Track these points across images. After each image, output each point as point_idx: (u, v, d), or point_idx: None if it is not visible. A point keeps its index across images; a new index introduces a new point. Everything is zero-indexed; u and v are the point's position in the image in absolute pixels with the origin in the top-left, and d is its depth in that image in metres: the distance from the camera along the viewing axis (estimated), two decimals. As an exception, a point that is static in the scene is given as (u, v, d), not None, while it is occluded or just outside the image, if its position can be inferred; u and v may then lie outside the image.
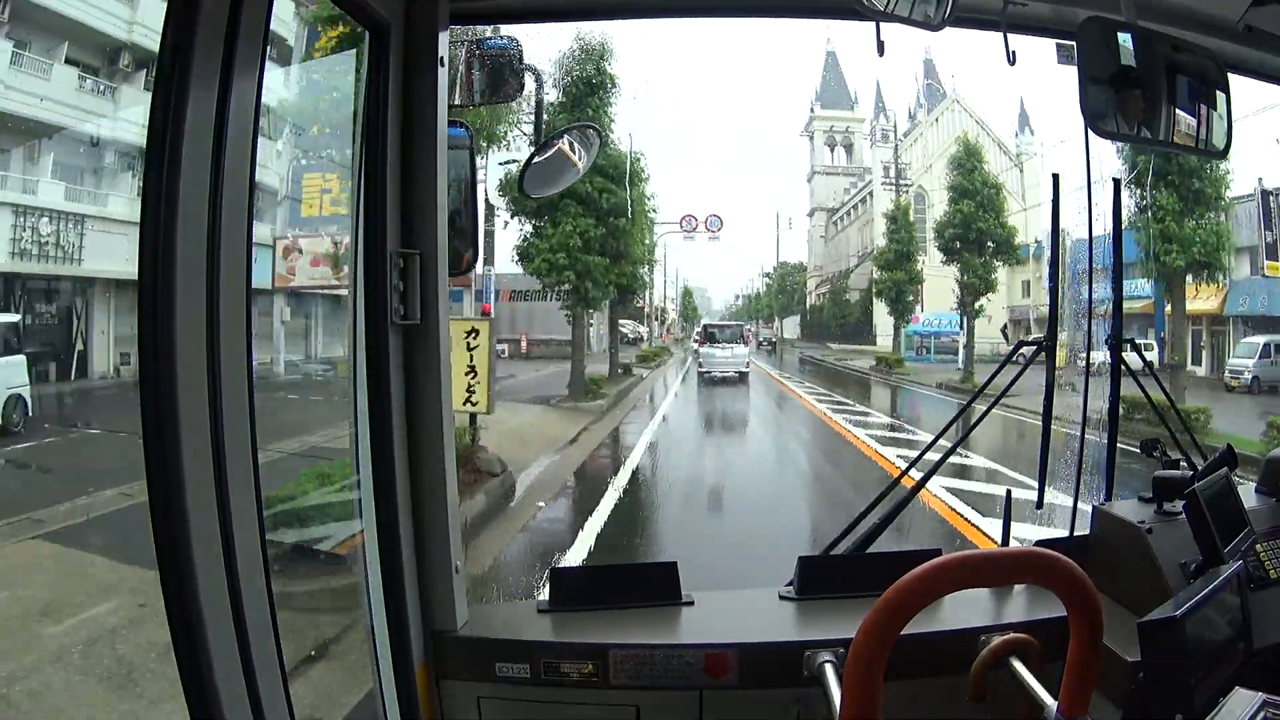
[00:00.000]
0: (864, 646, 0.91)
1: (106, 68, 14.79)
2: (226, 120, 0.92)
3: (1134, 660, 1.24)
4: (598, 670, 1.38)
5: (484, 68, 1.56)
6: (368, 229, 1.34)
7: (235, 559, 0.95)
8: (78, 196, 13.88)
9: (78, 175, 14.09)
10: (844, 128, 59.44)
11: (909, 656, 1.07)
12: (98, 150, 14.49)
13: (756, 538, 6.71)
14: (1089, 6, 1.48)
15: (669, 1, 1.78)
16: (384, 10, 1.29)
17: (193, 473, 0.91)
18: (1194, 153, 1.49)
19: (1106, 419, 1.91)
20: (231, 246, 0.95)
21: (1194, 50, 1.48)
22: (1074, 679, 0.99)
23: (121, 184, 14.13)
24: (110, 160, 14.49)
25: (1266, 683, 1.13)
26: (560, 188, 1.83)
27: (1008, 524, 1.80)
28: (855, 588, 1.47)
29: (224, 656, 0.94)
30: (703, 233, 32.05)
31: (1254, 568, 1.49)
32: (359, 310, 1.36)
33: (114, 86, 14.72)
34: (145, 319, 0.89)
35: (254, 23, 0.95)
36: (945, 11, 1.22)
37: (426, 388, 1.39)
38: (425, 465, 1.40)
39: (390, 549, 1.36)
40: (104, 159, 14.49)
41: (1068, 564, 0.96)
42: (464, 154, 1.49)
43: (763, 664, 1.38)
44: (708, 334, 24.38)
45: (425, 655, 1.41)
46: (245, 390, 0.98)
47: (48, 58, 13.69)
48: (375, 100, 1.33)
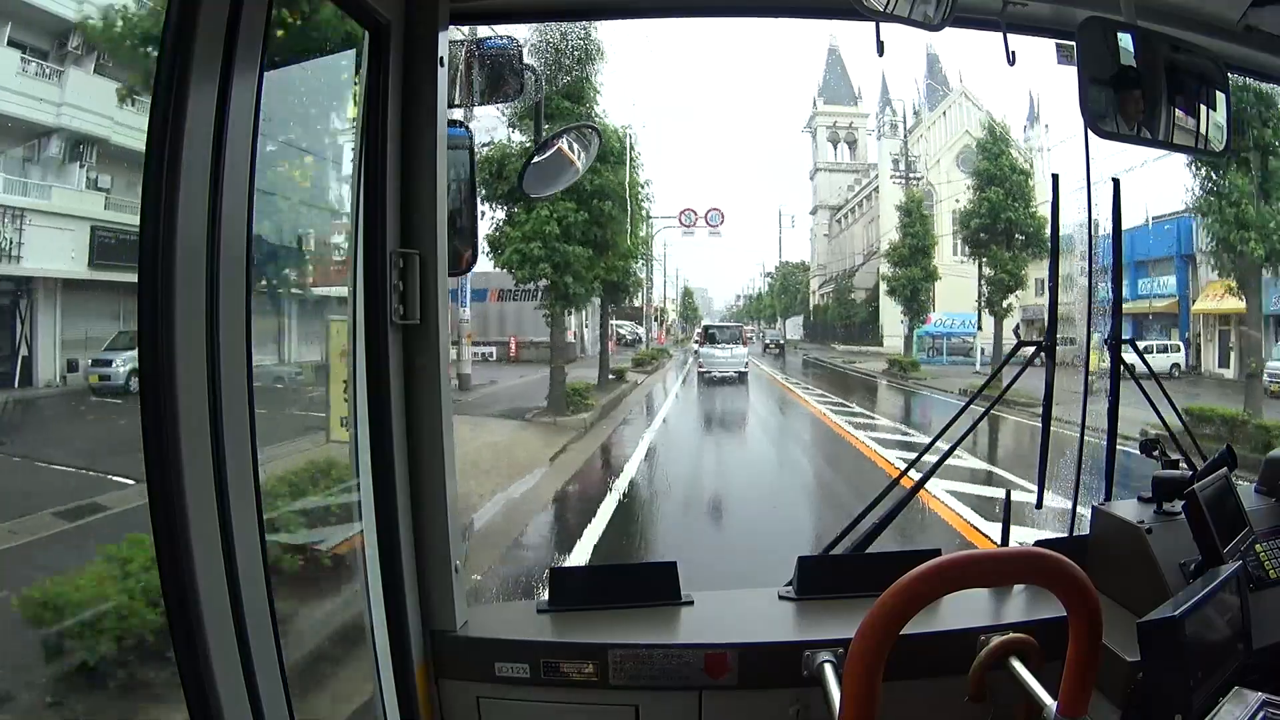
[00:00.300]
0: (864, 646, 0.91)
1: (55, 51, 13.40)
2: (226, 120, 0.92)
3: (1134, 660, 1.23)
4: (597, 670, 1.38)
5: (484, 68, 1.56)
6: (367, 229, 1.34)
7: (235, 559, 0.95)
8: (18, 189, 12.68)
9: (18, 167, 12.88)
10: (847, 123, 57.49)
11: (909, 656, 1.07)
12: (42, 139, 13.17)
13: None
14: (1089, 6, 1.48)
15: (669, 2, 1.78)
16: (384, 10, 1.29)
17: (193, 473, 0.91)
18: (1193, 153, 1.49)
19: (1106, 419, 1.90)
20: (231, 246, 0.95)
21: (1194, 50, 1.48)
22: (1073, 679, 0.99)
23: (68, 175, 13.12)
24: (55, 150, 13.22)
25: (1266, 683, 1.13)
26: (560, 188, 1.84)
27: (1007, 524, 1.80)
28: (855, 588, 1.47)
29: (224, 656, 0.94)
30: (703, 227, 30.48)
31: (1254, 568, 1.49)
32: (359, 310, 1.36)
33: (61, 70, 13.32)
34: (145, 319, 0.89)
35: (254, 23, 0.95)
36: (945, 12, 1.22)
37: (426, 387, 1.39)
38: (425, 465, 1.40)
39: (390, 549, 1.36)
40: (49, 149, 13.22)
41: (1067, 564, 0.95)
42: (463, 154, 1.49)
43: (762, 664, 1.38)
44: (708, 335, 24.50)
45: (425, 655, 1.41)
46: (245, 390, 0.98)
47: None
48: (375, 100, 1.33)
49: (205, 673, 0.93)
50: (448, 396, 1.41)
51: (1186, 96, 1.46)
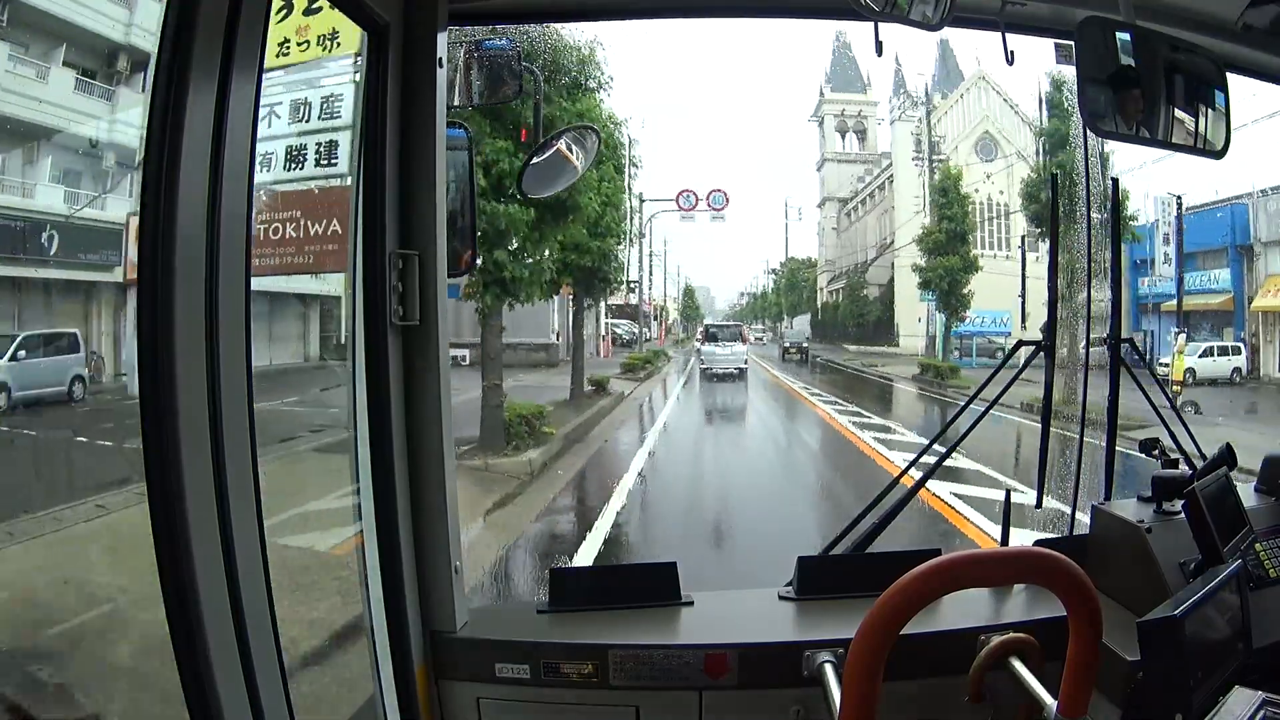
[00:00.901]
0: (864, 646, 0.91)
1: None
2: (226, 120, 0.93)
3: (1134, 660, 1.23)
4: (598, 671, 1.38)
5: (483, 68, 1.57)
6: (367, 229, 1.34)
7: (235, 559, 0.96)
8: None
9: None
10: (856, 111, 55.01)
11: (909, 656, 1.07)
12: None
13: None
14: (1087, 6, 1.48)
15: (669, 2, 1.78)
16: (383, 10, 1.29)
17: (193, 473, 0.91)
18: (1193, 153, 1.49)
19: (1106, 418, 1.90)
20: (231, 246, 0.95)
21: (1192, 50, 1.48)
22: (1073, 679, 0.99)
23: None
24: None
25: (1266, 682, 1.13)
26: (559, 188, 1.84)
27: (1007, 524, 1.80)
28: (855, 588, 1.47)
29: (224, 657, 0.94)
30: (705, 211, 27.05)
31: (1253, 567, 1.49)
32: (358, 311, 1.36)
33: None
34: (145, 319, 0.89)
35: (254, 23, 0.95)
36: (944, 11, 1.22)
37: (426, 389, 1.39)
38: (424, 466, 1.40)
39: (390, 550, 1.36)
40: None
41: (1067, 564, 0.95)
42: (463, 154, 1.49)
43: (762, 664, 1.38)
44: (709, 334, 25.16)
45: (425, 656, 1.41)
46: (245, 390, 0.98)
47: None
48: (374, 100, 1.33)
49: (205, 673, 0.93)
50: (448, 397, 1.41)
51: (1185, 96, 1.46)
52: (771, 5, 1.87)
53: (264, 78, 0.99)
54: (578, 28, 12.19)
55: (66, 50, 13.16)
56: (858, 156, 55.14)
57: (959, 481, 7.90)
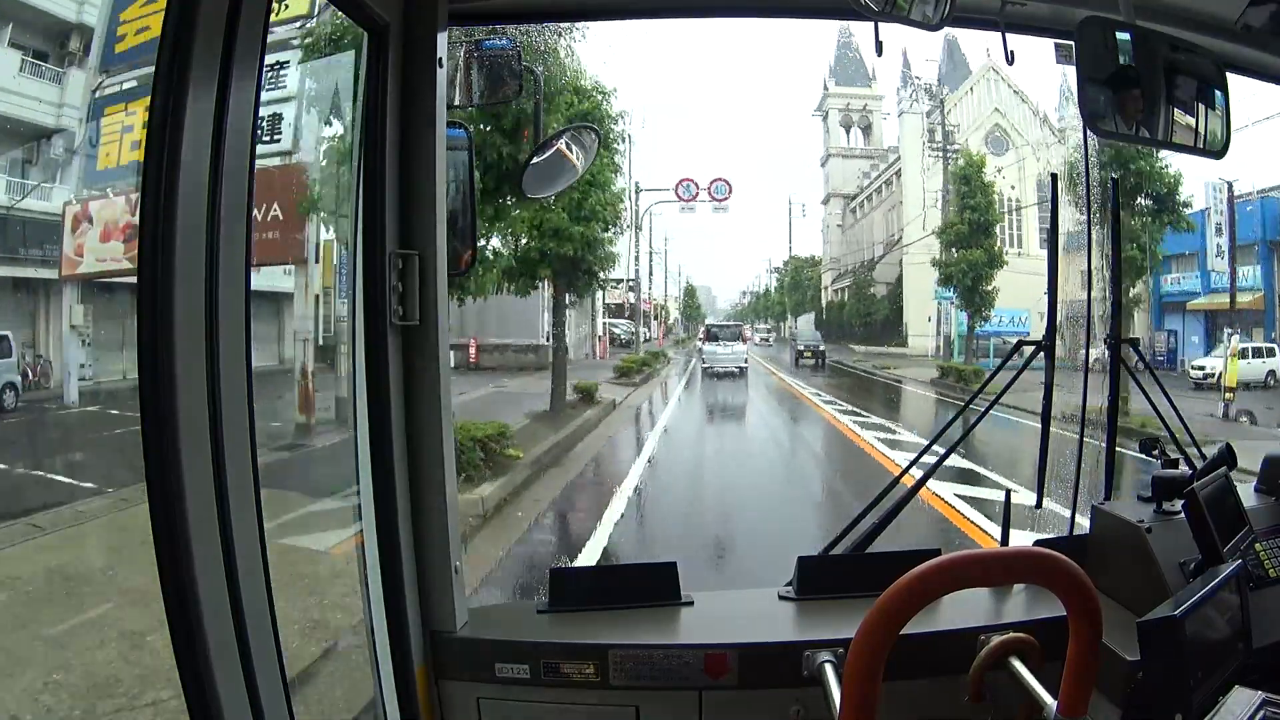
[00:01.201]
0: (864, 646, 0.91)
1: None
2: (226, 120, 0.93)
3: (1134, 660, 1.23)
4: (598, 670, 1.38)
5: (483, 68, 1.57)
6: (366, 229, 1.35)
7: (235, 560, 0.95)
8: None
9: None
10: (861, 105, 52.74)
11: (909, 656, 1.07)
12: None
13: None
14: (1087, 6, 1.48)
15: (669, 2, 1.78)
16: (383, 10, 1.29)
17: (192, 473, 0.91)
18: (1192, 153, 1.49)
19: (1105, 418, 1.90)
20: (231, 246, 0.95)
21: (1192, 50, 1.48)
22: (1073, 679, 0.99)
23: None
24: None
25: (1266, 682, 1.13)
26: (559, 188, 1.84)
27: (1007, 524, 1.80)
28: (855, 588, 1.46)
29: (224, 657, 0.94)
30: (706, 201, 25.57)
31: (1253, 567, 1.49)
32: (358, 311, 1.36)
33: None
34: (144, 319, 0.89)
35: (253, 23, 0.95)
36: (944, 11, 1.22)
37: (426, 389, 1.39)
38: (424, 466, 1.40)
39: (389, 550, 1.36)
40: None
41: (1067, 564, 0.95)
42: (462, 154, 1.49)
43: (762, 664, 1.38)
44: (710, 333, 25.42)
45: (425, 656, 1.41)
46: (245, 390, 0.98)
47: None
48: (374, 101, 1.33)
49: (205, 673, 0.92)
50: (448, 398, 1.41)
51: (1185, 96, 1.46)
52: (772, 5, 1.87)
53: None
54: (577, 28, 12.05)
55: (13, 30, 12.69)
56: (863, 151, 53.71)
57: (972, 484, 7.53)
